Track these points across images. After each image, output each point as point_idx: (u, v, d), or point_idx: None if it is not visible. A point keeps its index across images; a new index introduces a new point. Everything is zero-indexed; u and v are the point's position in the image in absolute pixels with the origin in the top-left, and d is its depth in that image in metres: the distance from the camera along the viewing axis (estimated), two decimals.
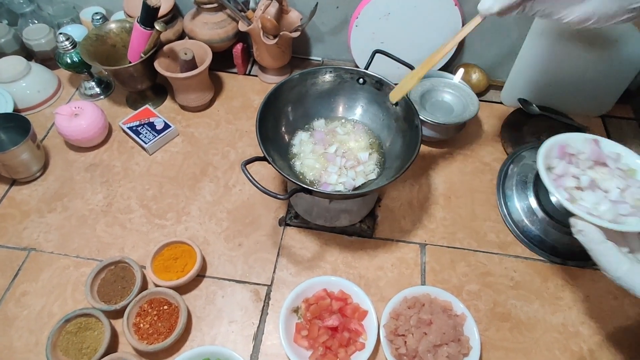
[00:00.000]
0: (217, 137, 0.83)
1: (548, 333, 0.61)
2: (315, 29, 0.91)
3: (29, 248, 0.68)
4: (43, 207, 0.73)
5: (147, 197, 0.74)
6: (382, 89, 0.67)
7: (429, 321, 0.57)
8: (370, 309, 0.60)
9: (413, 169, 0.78)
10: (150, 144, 0.79)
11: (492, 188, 0.76)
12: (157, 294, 0.61)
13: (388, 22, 0.80)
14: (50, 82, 0.88)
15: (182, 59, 0.78)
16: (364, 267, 0.67)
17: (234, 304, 0.63)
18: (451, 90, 0.80)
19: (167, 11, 0.84)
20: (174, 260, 0.65)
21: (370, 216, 0.71)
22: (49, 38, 0.89)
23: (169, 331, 0.59)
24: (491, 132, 0.84)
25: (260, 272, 0.66)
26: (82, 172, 0.78)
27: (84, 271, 0.66)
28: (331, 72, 0.68)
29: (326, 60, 0.97)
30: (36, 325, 0.61)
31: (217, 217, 0.72)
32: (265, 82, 0.92)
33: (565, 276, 0.66)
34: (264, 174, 0.77)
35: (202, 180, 0.77)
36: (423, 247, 0.69)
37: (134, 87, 0.83)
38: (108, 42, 0.82)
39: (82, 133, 0.76)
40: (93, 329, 0.59)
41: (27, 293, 0.64)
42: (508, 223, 0.71)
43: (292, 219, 0.71)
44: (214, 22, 0.84)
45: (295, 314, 0.61)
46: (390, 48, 0.70)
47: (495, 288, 0.65)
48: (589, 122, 0.84)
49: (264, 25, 0.79)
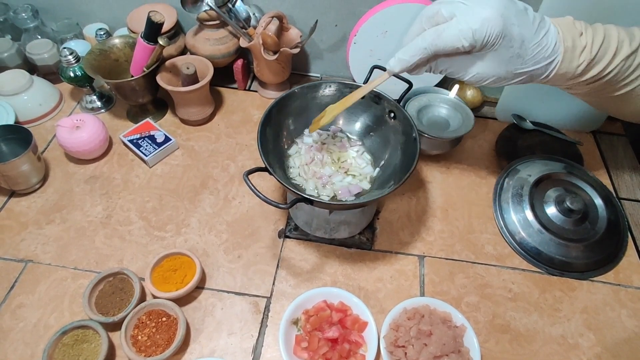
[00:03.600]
0: (217, 151, 0.84)
1: (547, 345, 0.62)
2: (314, 46, 0.94)
3: (26, 260, 0.68)
4: (41, 219, 0.73)
5: (146, 209, 0.74)
6: (380, 103, 0.69)
7: (429, 332, 0.57)
8: (370, 321, 0.60)
9: (411, 182, 0.79)
10: (151, 157, 0.79)
11: (488, 201, 0.77)
12: (155, 306, 0.61)
13: (385, 40, 0.83)
14: (52, 95, 0.89)
15: (184, 73, 0.80)
16: (364, 279, 0.67)
17: (233, 316, 0.63)
18: (447, 106, 0.82)
19: (170, 27, 0.86)
20: (173, 272, 0.65)
21: (369, 228, 0.72)
22: (52, 53, 0.91)
23: (167, 343, 0.58)
24: (486, 146, 0.86)
25: (259, 284, 0.66)
26: (81, 184, 0.78)
27: (81, 283, 0.65)
28: (331, 87, 0.70)
29: (325, 76, 0.99)
30: (32, 338, 0.60)
31: (216, 229, 0.72)
32: (265, 97, 0.94)
33: (562, 288, 0.67)
34: (263, 186, 0.77)
35: (202, 192, 0.77)
36: (422, 259, 0.70)
37: (136, 101, 0.84)
38: (111, 56, 0.84)
39: (83, 145, 0.77)
40: (90, 342, 0.58)
41: (23, 305, 0.63)
42: (505, 235, 0.72)
43: (291, 230, 0.71)
44: (215, 39, 0.86)
45: (295, 326, 0.61)
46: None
47: (494, 300, 0.65)
48: (581, 137, 0.86)
49: (265, 42, 0.81)
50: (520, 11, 0.46)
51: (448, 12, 0.46)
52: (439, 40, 0.46)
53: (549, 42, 0.47)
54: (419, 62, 0.49)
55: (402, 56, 0.49)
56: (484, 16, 0.44)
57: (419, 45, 0.47)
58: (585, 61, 0.48)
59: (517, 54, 0.46)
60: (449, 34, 0.45)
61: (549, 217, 0.70)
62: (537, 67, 0.48)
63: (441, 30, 0.46)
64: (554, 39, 0.47)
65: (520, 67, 0.48)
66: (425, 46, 0.47)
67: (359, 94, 0.59)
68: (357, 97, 0.59)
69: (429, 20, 0.48)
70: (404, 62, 0.49)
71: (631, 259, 0.70)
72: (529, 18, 0.46)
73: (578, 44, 0.48)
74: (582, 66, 0.48)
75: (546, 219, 0.69)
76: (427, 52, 0.47)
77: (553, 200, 0.71)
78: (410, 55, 0.48)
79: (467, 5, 0.45)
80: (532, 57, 0.47)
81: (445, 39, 0.46)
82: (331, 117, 0.61)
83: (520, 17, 0.45)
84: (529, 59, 0.47)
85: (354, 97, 0.59)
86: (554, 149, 0.82)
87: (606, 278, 0.68)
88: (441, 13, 0.46)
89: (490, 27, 0.44)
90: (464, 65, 0.49)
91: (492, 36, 0.44)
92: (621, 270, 0.69)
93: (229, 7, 0.83)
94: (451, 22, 0.46)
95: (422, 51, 0.47)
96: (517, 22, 0.45)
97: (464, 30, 0.44)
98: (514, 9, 0.45)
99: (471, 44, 0.45)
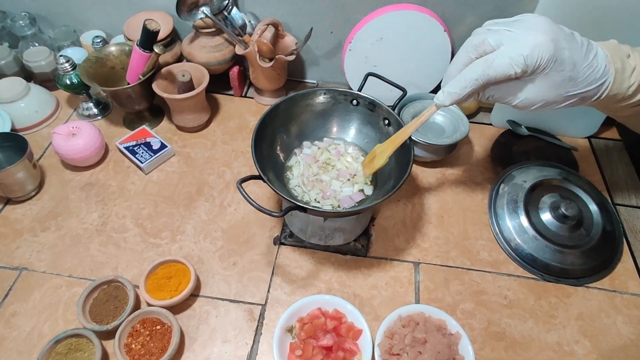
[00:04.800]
0: (213, 157, 0.84)
1: (543, 352, 0.61)
2: (310, 52, 0.94)
3: (21, 268, 0.68)
4: (36, 226, 0.73)
5: (142, 216, 0.74)
6: (374, 110, 0.69)
7: (424, 340, 0.57)
8: (364, 328, 0.59)
9: (406, 189, 0.79)
10: (146, 164, 0.79)
11: (483, 207, 0.77)
12: (149, 314, 0.61)
13: (380, 47, 0.83)
14: (49, 102, 0.89)
15: (180, 81, 0.80)
16: (359, 286, 0.67)
17: (227, 324, 0.63)
18: (442, 112, 0.82)
19: (166, 35, 0.86)
20: (167, 280, 0.64)
21: (365, 235, 0.72)
22: (49, 60, 0.91)
23: (161, 352, 0.58)
24: (482, 152, 0.86)
25: (254, 291, 0.66)
26: (77, 191, 0.78)
27: (76, 291, 0.65)
28: (325, 94, 0.70)
29: (321, 82, 1.00)
30: (25, 347, 0.60)
31: (211, 236, 0.72)
32: (261, 103, 0.94)
33: (558, 294, 0.67)
34: (259, 193, 0.77)
35: (197, 199, 0.77)
36: (417, 266, 0.69)
37: (132, 108, 0.84)
38: (107, 64, 0.84)
39: (79, 152, 0.77)
40: (83, 350, 0.58)
41: (17, 313, 0.63)
42: (500, 242, 0.72)
43: (286, 237, 0.71)
44: (211, 46, 0.86)
45: (290, 334, 0.60)
46: (383, 71, 0.72)
47: (489, 307, 0.65)
48: (576, 143, 0.86)
49: (260, 49, 0.81)
50: (568, 35, 0.46)
51: (495, 41, 0.46)
52: (490, 69, 0.45)
53: (599, 64, 0.47)
54: (471, 93, 0.48)
55: (453, 90, 0.49)
56: (535, 42, 0.44)
57: (469, 77, 0.47)
58: (636, 82, 0.48)
59: (569, 76, 0.46)
60: (500, 63, 0.45)
61: (544, 223, 0.70)
62: (589, 88, 0.48)
63: (491, 59, 0.45)
64: (604, 60, 0.47)
65: (572, 89, 0.47)
66: (477, 77, 0.46)
67: (409, 130, 0.58)
68: (408, 134, 0.59)
69: (475, 49, 0.47)
70: (454, 95, 0.49)
71: (626, 265, 0.70)
72: (577, 42, 0.46)
73: (627, 66, 0.48)
74: (633, 87, 0.49)
75: (541, 225, 0.69)
76: (478, 83, 0.47)
77: (548, 206, 0.71)
78: (461, 88, 0.48)
79: (514, 32, 0.45)
80: (584, 79, 0.47)
81: (496, 68, 0.45)
82: (385, 158, 0.61)
83: (569, 41, 0.46)
84: (581, 80, 0.47)
85: (403, 134, 0.59)
86: (550, 154, 0.82)
87: (601, 284, 0.68)
88: (488, 42, 0.46)
89: (542, 51, 0.44)
90: (513, 91, 0.48)
91: (543, 60, 0.44)
92: (616, 276, 0.69)
93: (225, 15, 0.84)
94: (500, 50, 0.45)
95: (473, 83, 0.47)
96: (567, 45, 0.45)
97: (515, 57, 0.44)
98: (562, 34, 0.45)
99: (523, 70, 0.45)
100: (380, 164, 0.61)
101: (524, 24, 0.45)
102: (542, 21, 0.45)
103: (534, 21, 0.45)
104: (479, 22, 0.82)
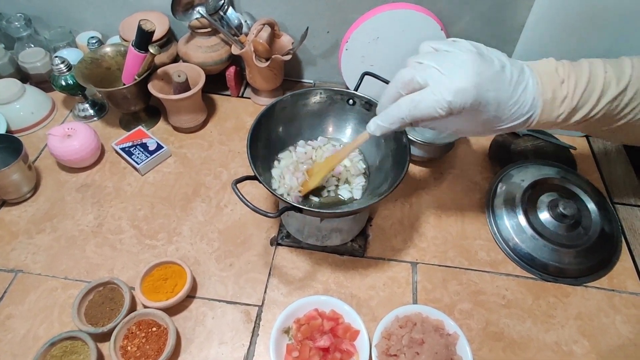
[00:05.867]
0: (209, 158, 0.83)
1: (542, 352, 0.61)
2: (306, 52, 0.94)
3: (16, 270, 0.67)
4: (32, 228, 0.72)
5: (138, 217, 0.74)
6: (371, 109, 0.68)
7: (421, 341, 0.57)
8: (362, 329, 0.59)
9: (403, 188, 0.79)
10: (143, 165, 0.79)
11: (481, 207, 0.76)
12: (145, 316, 0.60)
13: (377, 46, 0.83)
14: (44, 104, 0.89)
15: (176, 81, 0.80)
16: (356, 287, 0.67)
17: (224, 325, 0.62)
18: None
19: (162, 35, 0.86)
20: (163, 281, 0.64)
21: (362, 235, 0.72)
22: (45, 61, 0.91)
23: (157, 354, 0.57)
24: (479, 151, 0.86)
25: (251, 292, 0.66)
26: (73, 192, 0.77)
27: (71, 293, 0.65)
28: (322, 94, 0.69)
29: (318, 82, 0.99)
30: (20, 350, 0.60)
31: (208, 237, 0.72)
32: (257, 104, 0.94)
33: (556, 294, 0.66)
34: (255, 194, 0.77)
35: (194, 200, 0.77)
36: (414, 266, 0.69)
37: (128, 109, 0.84)
38: (103, 65, 0.84)
39: (75, 154, 0.76)
40: (79, 353, 0.58)
41: (12, 316, 0.63)
42: (498, 241, 0.71)
43: (283, 238, 0.71)
44: (207, 46, 0.86)
45: (286, 335, 0.60)
46: (380, 70, 0.71)
47: (487, 307, 0.65)
48: (575, 142, 0.86)
49: (257, 49, 0.81)
50: (496, 73, 0.45)
51: (422, 79, 0.46)
52: (416, 110, 0.46)
53: (526, 99, 0.47)
54: (400, 127, 0.50)
55: (381, 123, 0.50)
56: (458, 87, 0.44)
57: (395, 114, 0.48)
58: (565, 111, 0.48)
59: (493, 115, 0.47)
60: (425, 105, 0.46)
61: (542, 222, 0.69)
62: (516, 123, 0.48)
63: (417, 101, 0.46)
64: (532, 94, 0.47)
65: (498, 125, 0.49)
66: (403, 116, 0.48)
67: (344, 153, 0.61)
68: (341, 158, 0.61)
69: (404, 86, 0.48)
70: (383, 129, 0.50)
71: (625, 264, 0.70)
72: (505, 78, 0.46)
73: (559, 95, 0.47)
74: (562, 115, 0.48)
75: (539, 224, 0.69)
76: (404, 121, 0.48)
77: (546, 205, 0.70)
78: (389, 123, 0.49)
79: (442, 73, 0.45)
80: (510, 116, 0.48)
81: (422, 109, 0.46)
82: (320, 179, 0.62)
83: (495, 81, 0.45)
84: (506, 118, 0.48)
85: (339, 156, 0.61)
86: (548, 153, 0.82)
87: (600, 284, 0.68)
88: (416, 80, 0.46)
89: (465, 97, 0.44)
90: (444, 124, 0.49)
91: (467, 104, 0.45)
92: (615, 275, 0.69)
93: (221, 15, 0.84)
94: (426, 91, 0.46)
95: (400, 120, 0.48)
96: (492, 87, 0.45)
97: (440, 101, 0.45)
98: (489, 74, 0.45)
99: (447, 112, 0.45)
100: (314, 184, 0.63)
101: (454, 60, 0.45)
102: (471, 59, 0.45)
103: (462, 58, 0.45)
104: (475, 20, 0.83)
